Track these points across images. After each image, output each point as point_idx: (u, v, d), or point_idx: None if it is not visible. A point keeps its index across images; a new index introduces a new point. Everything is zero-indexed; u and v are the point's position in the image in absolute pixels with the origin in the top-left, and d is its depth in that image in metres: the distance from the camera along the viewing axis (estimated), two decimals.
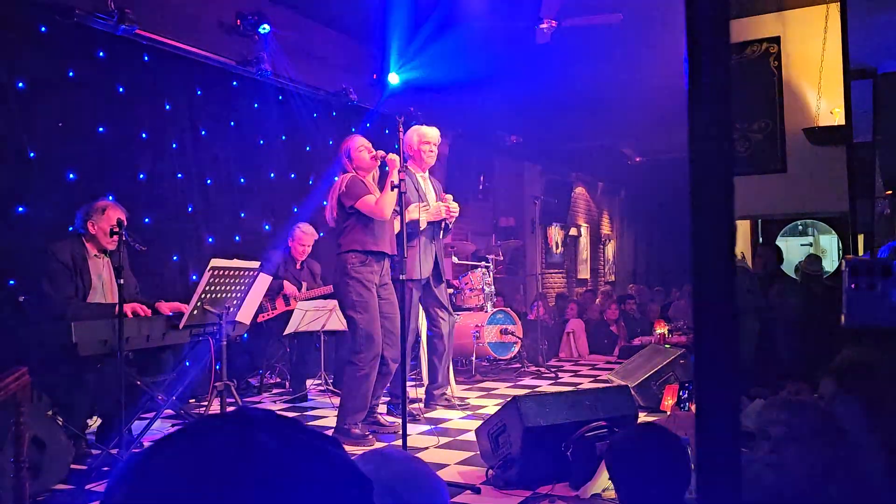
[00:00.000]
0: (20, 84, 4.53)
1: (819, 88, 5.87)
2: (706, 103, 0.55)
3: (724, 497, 0.52)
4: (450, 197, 5.04)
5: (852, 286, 3.07)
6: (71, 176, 4.82)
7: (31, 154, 4.55)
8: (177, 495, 0.54)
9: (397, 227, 4.15)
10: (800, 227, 10.30)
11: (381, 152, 4.27)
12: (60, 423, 3.54)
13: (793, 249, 8.84)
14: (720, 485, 0.52)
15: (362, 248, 4.26)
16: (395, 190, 3.83)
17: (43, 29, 4.67)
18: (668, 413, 3.93)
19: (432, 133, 5.05)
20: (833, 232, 9.80)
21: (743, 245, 7.79)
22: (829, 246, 9.88)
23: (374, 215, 4.25)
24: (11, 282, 4.35)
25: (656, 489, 1.90)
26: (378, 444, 4.10)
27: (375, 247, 4.29)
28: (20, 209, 4.48)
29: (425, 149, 5.00)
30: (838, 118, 5.68)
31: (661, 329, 6.57)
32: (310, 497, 0.56)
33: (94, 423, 4.10)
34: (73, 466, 3.49)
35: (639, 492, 1.93)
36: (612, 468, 2.05)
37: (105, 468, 3.50)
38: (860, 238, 4.68)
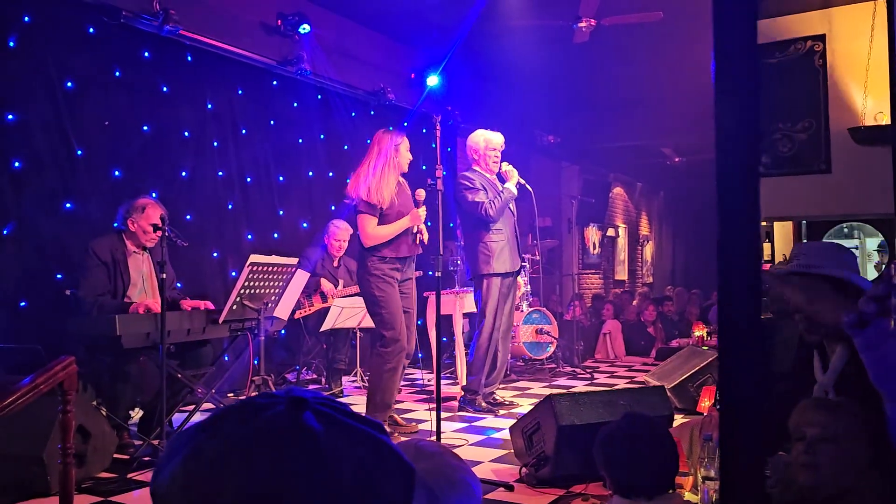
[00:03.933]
0: (69, 83, 4.67)
1: (865, 87, 5.73)
2: (733, 107, 0.55)
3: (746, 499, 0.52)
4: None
5: None
6: (116, 173, 4.94)
7: (79, 152, 4.68)
8: (226, 470, 0.56)
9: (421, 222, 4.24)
10: (845, 230, 10.05)
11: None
12: (104, 413, 3.65)
13: None
14: (743, 489, 0.53)
15: (380, 253, 4.26)
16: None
17: (91, 30, 4.80)
18: (706, 414, 3.87)
19: (497, 139, 5.02)
20: (880, 235, 9.53)
21: (785, 247, 7.63)
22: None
23: (360, 236, 4.27)
24: (59, 276, 4.49)
25: (634, 473, 2.00)
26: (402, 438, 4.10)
27: (393, 253, 4.26)
28: (68, 205, 4.62)
29: (491, 154, 4.98)
30: (885, 118, 5.54)
31: (700, 331, 6.46)
32: (354, 481, 0.57)
33: (137, 414, 4.21)
34: (115, 456, 3.60)
35: (621, 476, 2.03)
36: (597, 459, 2.11)
37: (146, 458, 3.60)
38: None
